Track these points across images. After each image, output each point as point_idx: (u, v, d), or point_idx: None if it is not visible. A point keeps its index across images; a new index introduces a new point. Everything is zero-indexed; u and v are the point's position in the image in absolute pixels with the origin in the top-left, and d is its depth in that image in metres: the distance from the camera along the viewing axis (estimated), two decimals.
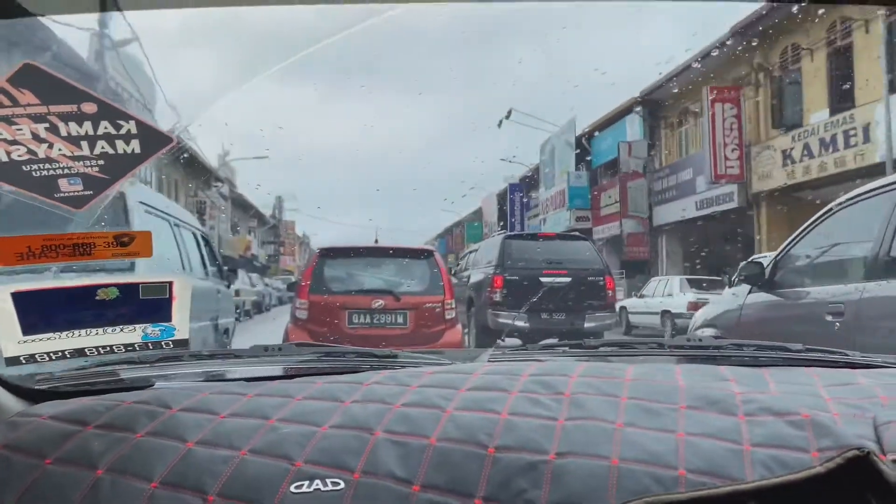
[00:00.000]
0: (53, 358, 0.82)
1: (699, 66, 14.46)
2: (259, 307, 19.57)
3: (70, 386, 0.98)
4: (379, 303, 5.40)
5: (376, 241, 6.32)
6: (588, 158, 20.69)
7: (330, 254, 5.88)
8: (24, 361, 0.82)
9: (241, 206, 33.35)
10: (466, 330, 9.06)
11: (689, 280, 12.61)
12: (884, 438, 0.68)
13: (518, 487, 0.65)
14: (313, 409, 0.78)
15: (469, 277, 9.60)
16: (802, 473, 0.63)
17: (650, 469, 0.65)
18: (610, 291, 8.80)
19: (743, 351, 1.19)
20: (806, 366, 1.05)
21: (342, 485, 0.67)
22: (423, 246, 6.17)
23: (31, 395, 0.91)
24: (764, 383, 0.87)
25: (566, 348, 1.25)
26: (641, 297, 13.59)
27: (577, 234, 13.06)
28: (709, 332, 3.91)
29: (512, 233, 13.22)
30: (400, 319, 5.45)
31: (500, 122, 20.68)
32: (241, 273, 18.22)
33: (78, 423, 0.77)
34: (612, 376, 0.84)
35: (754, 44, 13.31)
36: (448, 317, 5.56)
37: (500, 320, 8.16)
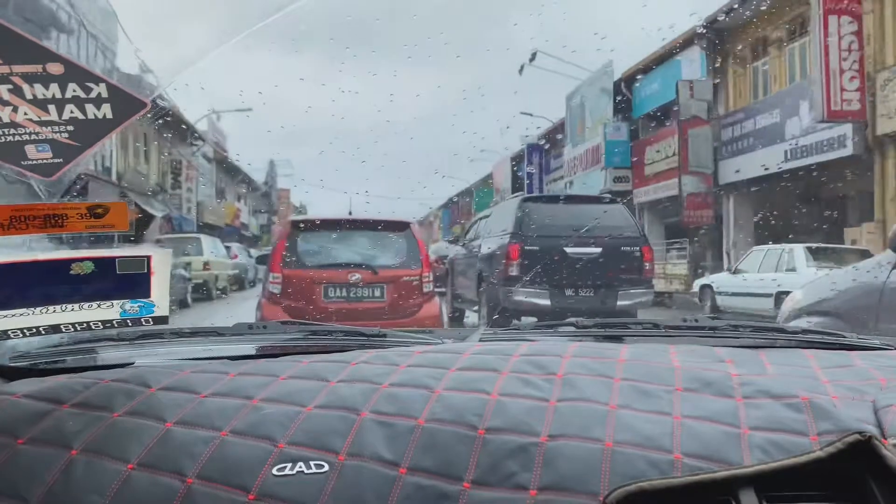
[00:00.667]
0: (28, 335, 0.91)
1: None
2: (241, 282, 19.47)
3: (47, 364, 1.08)
4: (355, 276, 5.89)
5: (350, 213, 6.79)
6: (632, 105, 19.90)
7: (302, 225, 6.40)
8: None
9: (228, 169, 33.32)
10: (476, 308, 9.14)
11: (809, 249, 11.02)
12: (884, 422, 0.77)
13: (508, 470, 0.73)
14: (298, 388, 0.87)
15: (479, 248, 9.61)
16: (802, 458, 0.72)
17: (645, 452, 0.73)
18: (647, 264, 8.80)
19: (739, 332, 1.30)
20: (802, 347, 1.15)
21: (326, 467, 0.75)
22: (399, 218, 6.62)
23: (5, 373, 1.01)
24: (760, 365, 0.97)
25: (558, 328, 1.36)
26: (736, 272, 12.21)
27: (607, 196, 12.96)
28: (815, 322, 3.32)
29: (530, 195, 13.02)
30: (377, 293, 5.95)
31: (522, 67, 20.39)
32: (214, 242, 18.22)
33: (53, 402, 0.85)
34: (606, 357, 0.93)
35: None
36: (426, 290, 6.12)
37: (517, 298, 8.20)
